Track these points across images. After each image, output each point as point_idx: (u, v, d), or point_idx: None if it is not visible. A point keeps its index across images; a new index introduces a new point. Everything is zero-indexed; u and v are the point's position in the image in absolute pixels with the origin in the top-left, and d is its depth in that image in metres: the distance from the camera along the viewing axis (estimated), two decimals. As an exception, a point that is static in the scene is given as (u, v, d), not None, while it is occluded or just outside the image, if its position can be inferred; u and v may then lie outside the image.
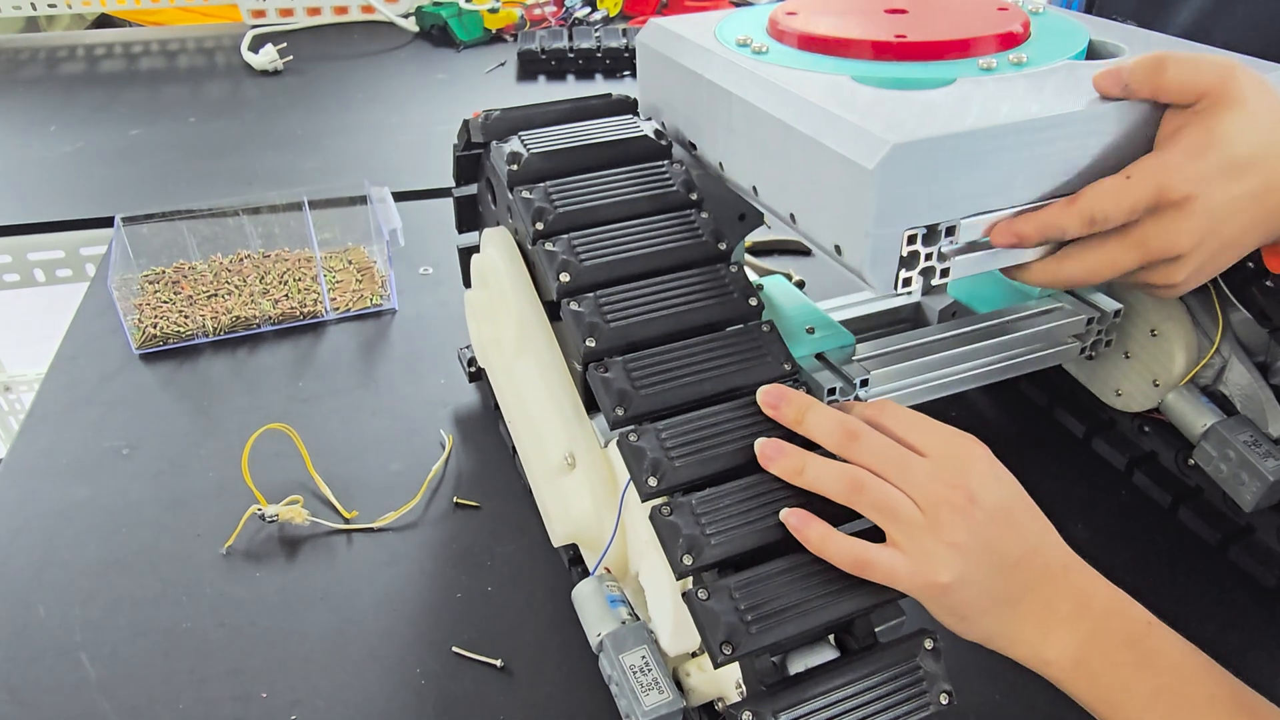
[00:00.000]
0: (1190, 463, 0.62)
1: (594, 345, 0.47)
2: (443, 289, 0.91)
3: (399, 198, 0.95)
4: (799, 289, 0.65)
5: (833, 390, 0.59)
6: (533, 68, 1.40)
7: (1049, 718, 0.52)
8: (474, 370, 0.76)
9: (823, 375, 0.60)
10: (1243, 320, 0.59)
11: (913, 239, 0.44)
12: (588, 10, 1.53)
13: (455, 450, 0.71)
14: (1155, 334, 0.63)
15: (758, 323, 0.49)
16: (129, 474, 0.69)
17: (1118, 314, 0.64)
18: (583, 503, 0.53)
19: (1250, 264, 0.53)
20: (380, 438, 0.72)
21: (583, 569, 0.59)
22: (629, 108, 0.60)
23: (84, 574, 0.61)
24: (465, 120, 0.60)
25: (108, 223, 0.89)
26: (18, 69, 1.42)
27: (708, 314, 0.49)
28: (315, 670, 0.55)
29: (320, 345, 0.83)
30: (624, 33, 1.41)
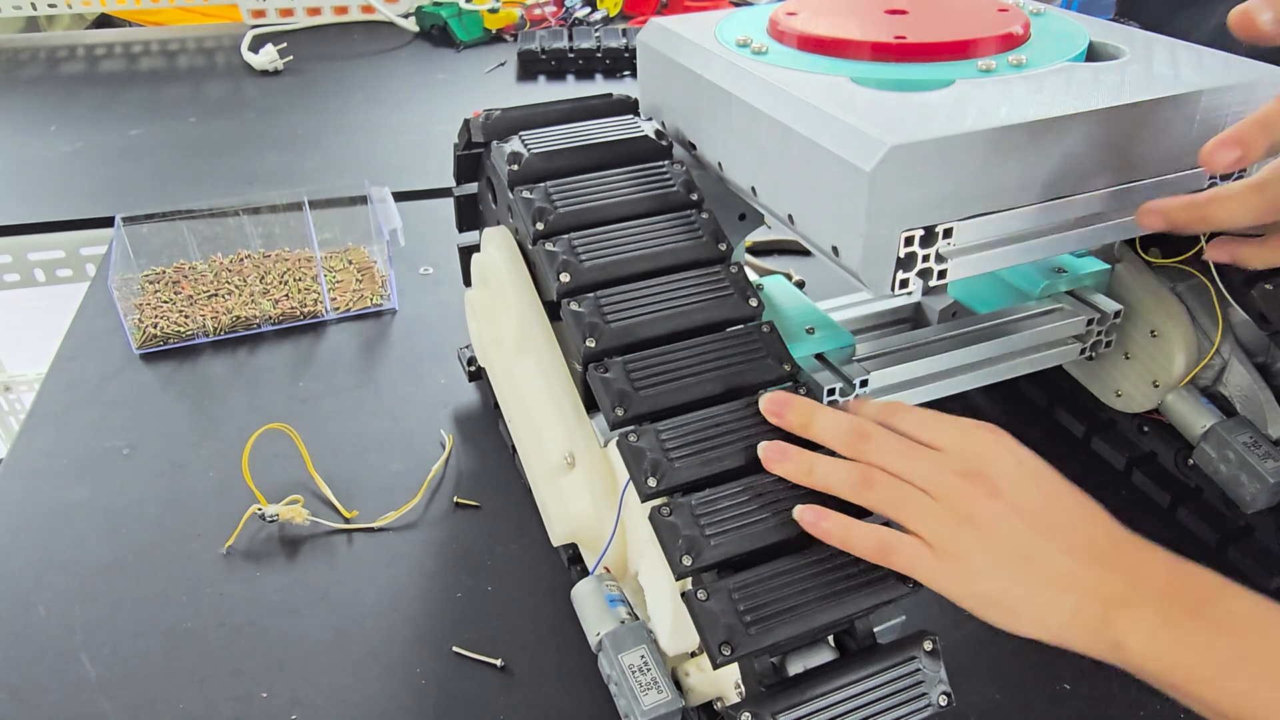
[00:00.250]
0: (1190, 463, 0.62)
1: (594, 345, 0.47)
2: (443, 289, 0.91)
3: (399, 198, 0.95)
4: (799, 289, 0.65)
5: (832, 390, 0.59)
6: (533, 68, 1.40)
7: (1049, 718, 0.52)
8: (474, 370, 0.76)
9: (823, 375, 0.60)
10: (1243, 321, 0.60)
11: (910, 241, 0.44)
12: (588, 10, 1.53)
13: (455, 450, 0.71)
14: (1155, 335, 0.63)
15: (758, 323, 0.49)
16: (129, 474, 0.69)
17: (1118, 315, 0.64)
18: (582, 502, 0.53)
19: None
20: (380, 438, 0.72)
21: (582, 568, 0.59)
22: (629, 108, 0.60)
23: (84, 574, 0.61)
24: (466, 120, 0.60)
25: (108, 223, 0.89)
26: (18, 69, 1.42)
27: (708, 314, 0.49)
28: (315, 670, 0.55)
29: (320, 345, 0.83)
30: (624, 33, 1.41)
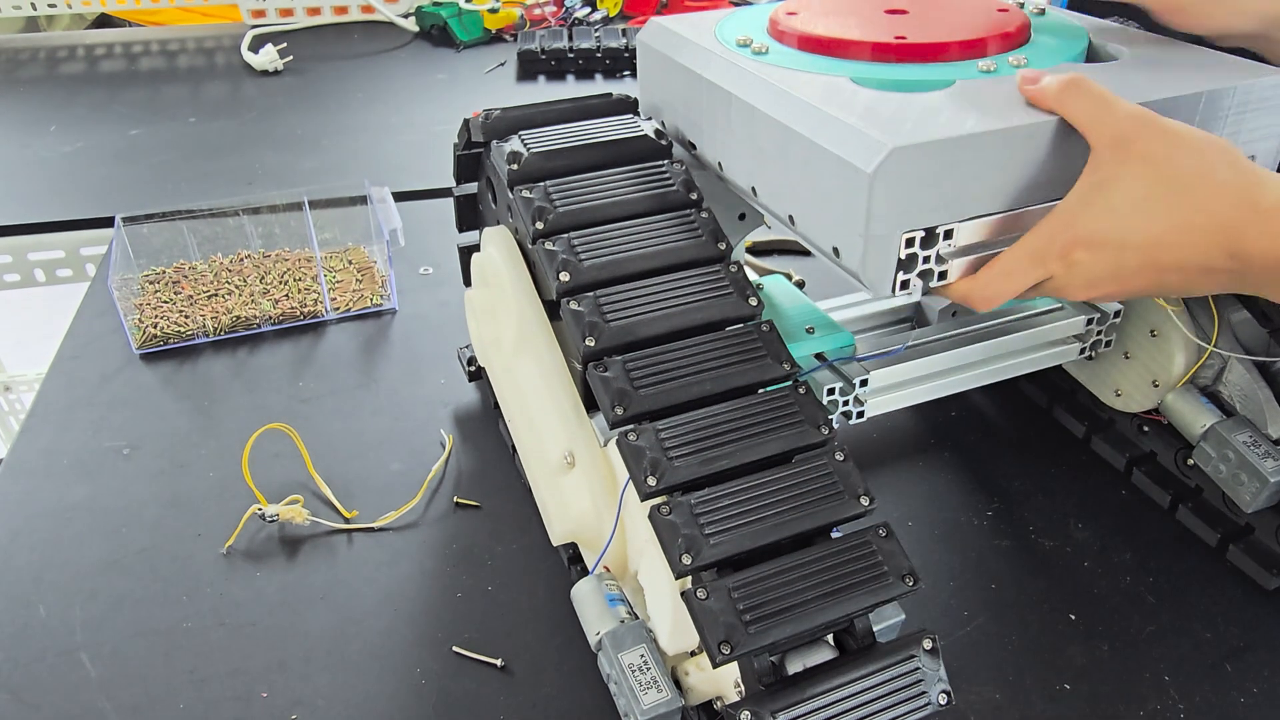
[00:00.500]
0: (1190, 463, 0.62)
1: (593, 344, 0.47)
2: (443, 289, 0.91)
3: (399, 198, 0.95)
4: (799, 289, 0.65)
5: (832, 390, 0.59)
6: (533, 68, 1.40)
7: (1049, 718, 0.52)
8: (474, 370, 0.76)
9: (823, 375, 0.60)
10: (1242, 320, 0.60)
11: (911, 242, 0.44)
12: (588, 10, 1.53)
13: (455, 450, 0.71)
14: (1155, 334, 0.63)
15: (757, 322, 0.49)
16: (129, 474, 0.69)
17: (1117, 314, 0.64)
18: (582, 502, 0.53)
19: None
20: (380, 438, 0.72)
21: (582, 568, 0.59)
22: (629, 107, 0.60)
23: (84, 574, 0.61)
24: (466, 119, 0.60)
25: (108, 223, 0.89)
26: (18, 69, 1.42)
27: (707, 313, 0.49)
28: (315, 670, 0.55)
29: (320, 345, 0.83)
30: (624, 33, 1.41)
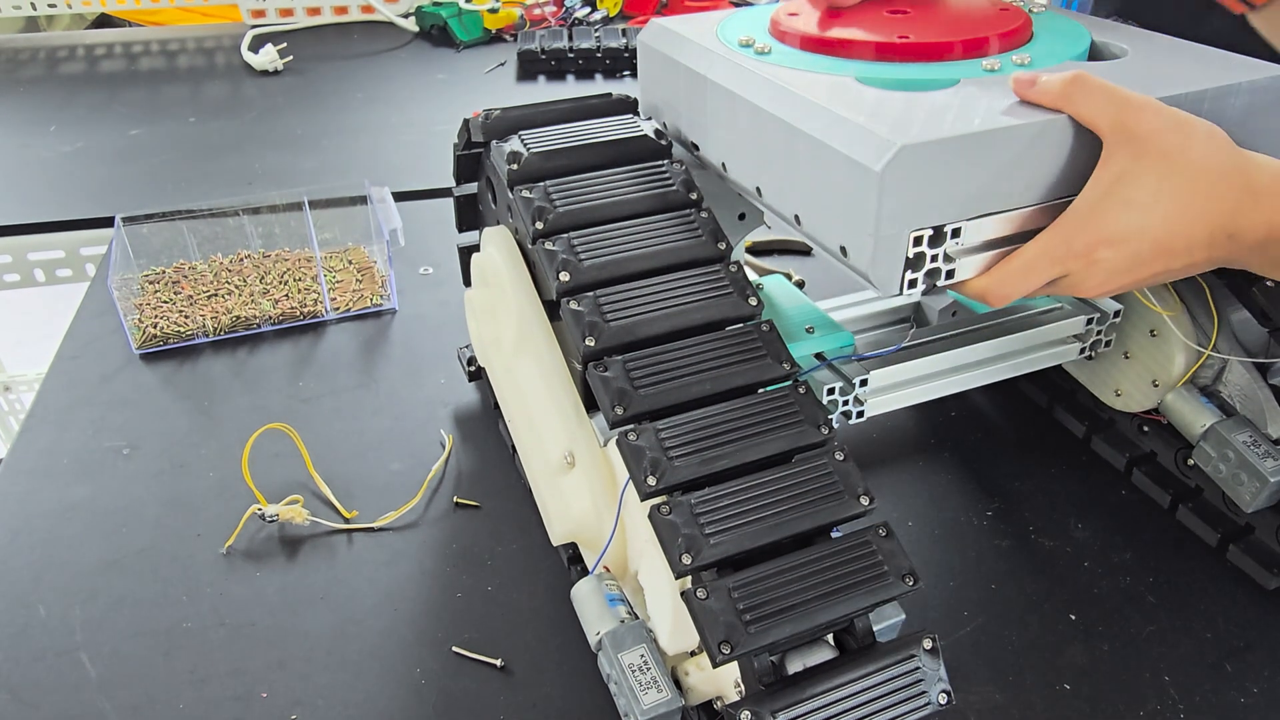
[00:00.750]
0: (1190, 463, 0.62)
1: (593, 344, 0.47)
2: (443, 289, 0.91)
3: (399, 198, 0.95)
4: (799, 289, 0.65)
5: (832, 390, 0.59)
6: (533, 68, 1.40)
7: (1049, 718, 0.52)
8: (474, 370, 0.76)
9: (823, 375, 0.60)
10: (1242, 320, 0.59)
11: (918, 240, 0.44)
12: (588, 10, 1.53)
13: (455, 450, 0.71)
14: (1155, 334, 0.63)
15: (757, 322, 0.49)
16: (129, 474, 0.69)
17: (1117, 314, 0.64)
18: (582, 501, 0.53)
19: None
20: (380, 438, 0.72)
21: (582, 568, 0.59)
22: (629, 107, 0.60)
23: (84, 574, 0.61)
24: (465, 119, 0.60)
25: (108, 223, 0.89)
26: (18, 69, 1.42)
27: (707, 313, 0.49)
28: (315, 670, 0.55)
29: (320, 345, 0.83)
30: (624, 33, 1.41)
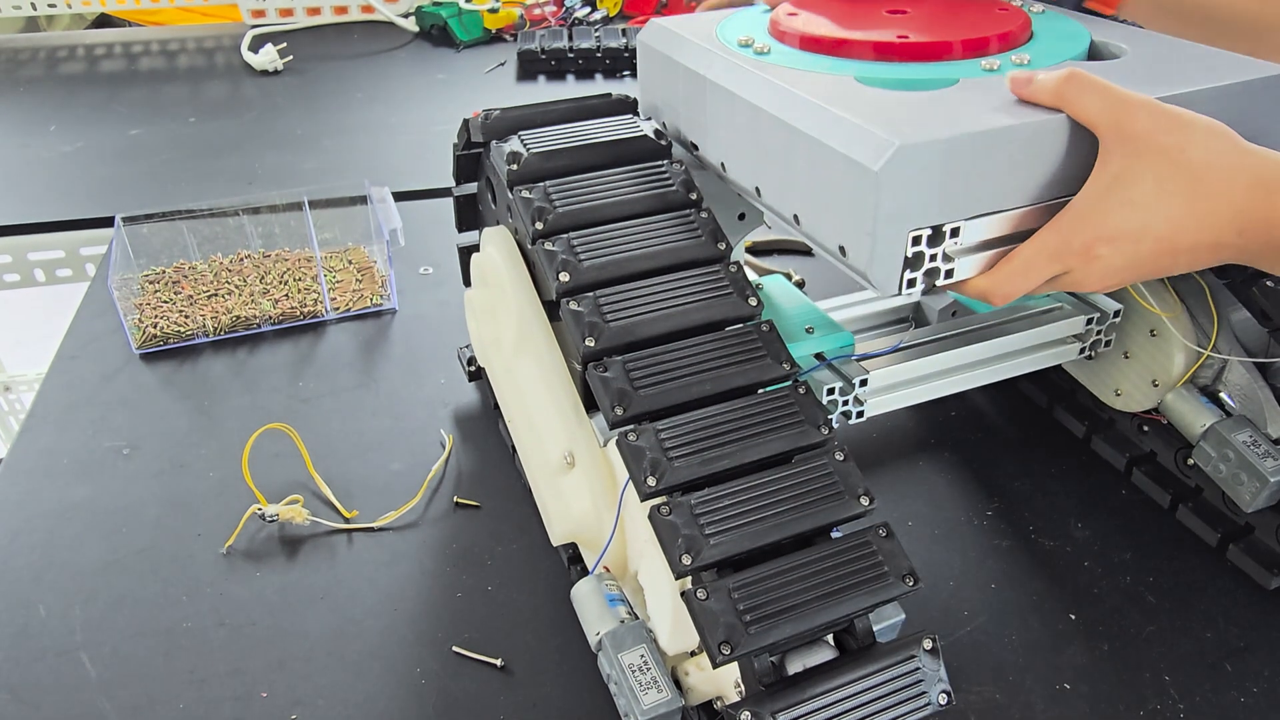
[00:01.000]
0: (1190, 463, 0.62)
1: (593, 345, 0.47)
2: (443, 289, 0.91)
3: (399, 198, 0.95)
4: (799, 289, 0.65)
5: (832, 390, 0.59)
6: (532, 68, 1.40)
7: (1049, 718, 0.52)
8: (474, 370, 0.76)
9: (822, 375, 0.60)
10: (1242, 320, 0.60)
11: (917, 240, 0.44)
12: (587, 10, 1.53)
13: (455, 450, 0.71)
14: (1155, 334, 0.63)
15: (757, 322, 0.49)
16: (129, 474, 0.69)
17: (1117, 314, 0.64)
18: (582, 502, 0.53)
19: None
20: (380, 438, 0.72)
21: (582, 568, 0.59)
22: (629, 108, 0.60)
23: (84, 574, 0.61)
24: (465, 120, 0.60)
25: (108, 223, 0.89)
26: (18, 69, 1.42)
27: (707, 313, 0.49)
28: (315, 670, 0.55)
29: (320, 345, 0.83)
30: (624, 33, 1.41)
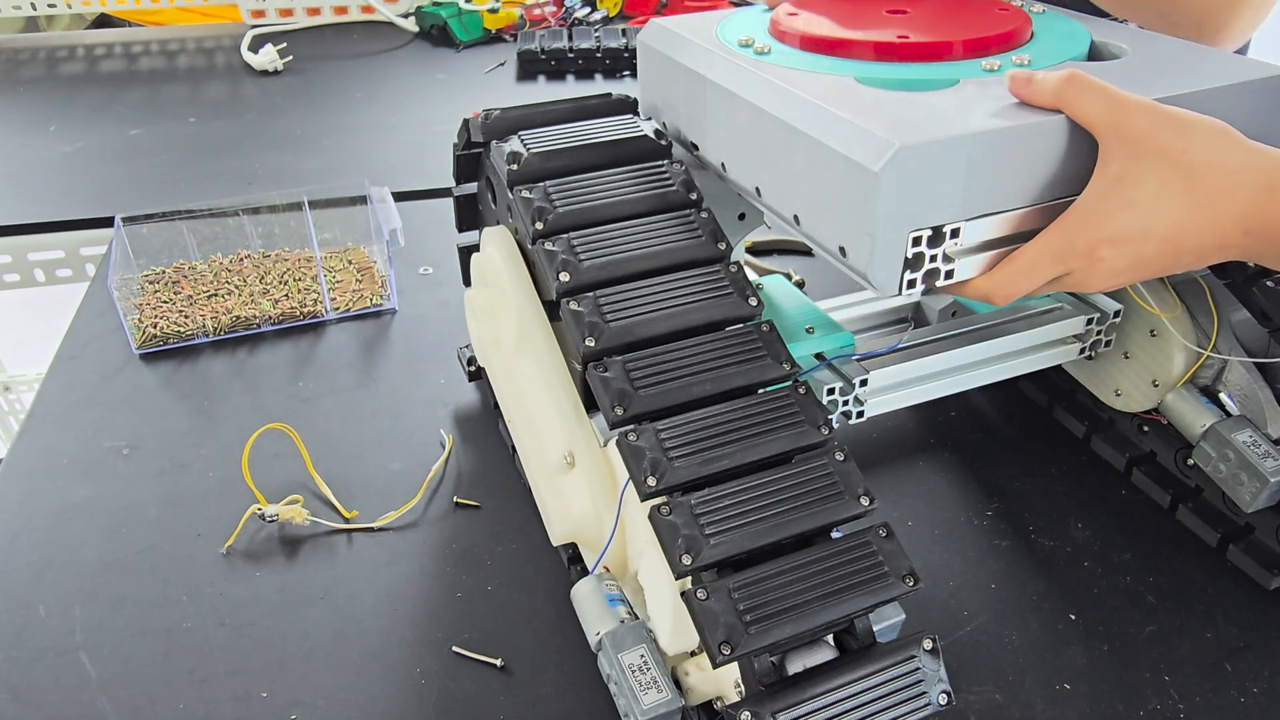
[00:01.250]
0: (1190, 463, 0.62)
1: (593, 345, 0.47)
2: (443, 289, 0.91)
3: (399, 198, 0.95)
4: (799, 289, 0.65)
5: (832, 390, 0.59)
6: (532, 68, 1.40)
7: (1049, 718, 0.52)
8: (474, 370, 0.76)
9: (823, 375, 0.60)
10: (1242, 320, 0.60)
11: (917, 240, 0.44)
12: (587, 10, 1.53)
13: (455, 450, 0.71)
14: (1155, 334, 0.63)
15: (757, 322, 0.49)
16: (129, 474, 0.69)
17: (1117, 314, 0.64)
18: (582, 502, 0.53)
19: (1251, 264, 0.53)
20: (380, 438, 0.72)
21: (582, 568, 0.59)
22: (629, 107, 0.60)
23: (84, 574, 0.61)
24: (465, 119, 0.60)
25: (108, 223, 0.89)
26: (18, 69, 1.42)
27: (707, 313, 0.49)
28: (315, 670, 0.55)
29: (320, 345, 0.83)
30: (624, 33, 1.41)
